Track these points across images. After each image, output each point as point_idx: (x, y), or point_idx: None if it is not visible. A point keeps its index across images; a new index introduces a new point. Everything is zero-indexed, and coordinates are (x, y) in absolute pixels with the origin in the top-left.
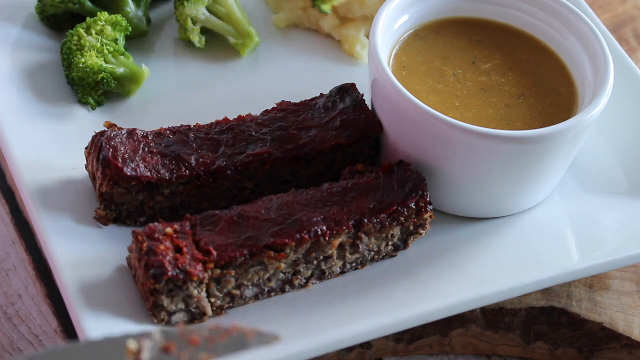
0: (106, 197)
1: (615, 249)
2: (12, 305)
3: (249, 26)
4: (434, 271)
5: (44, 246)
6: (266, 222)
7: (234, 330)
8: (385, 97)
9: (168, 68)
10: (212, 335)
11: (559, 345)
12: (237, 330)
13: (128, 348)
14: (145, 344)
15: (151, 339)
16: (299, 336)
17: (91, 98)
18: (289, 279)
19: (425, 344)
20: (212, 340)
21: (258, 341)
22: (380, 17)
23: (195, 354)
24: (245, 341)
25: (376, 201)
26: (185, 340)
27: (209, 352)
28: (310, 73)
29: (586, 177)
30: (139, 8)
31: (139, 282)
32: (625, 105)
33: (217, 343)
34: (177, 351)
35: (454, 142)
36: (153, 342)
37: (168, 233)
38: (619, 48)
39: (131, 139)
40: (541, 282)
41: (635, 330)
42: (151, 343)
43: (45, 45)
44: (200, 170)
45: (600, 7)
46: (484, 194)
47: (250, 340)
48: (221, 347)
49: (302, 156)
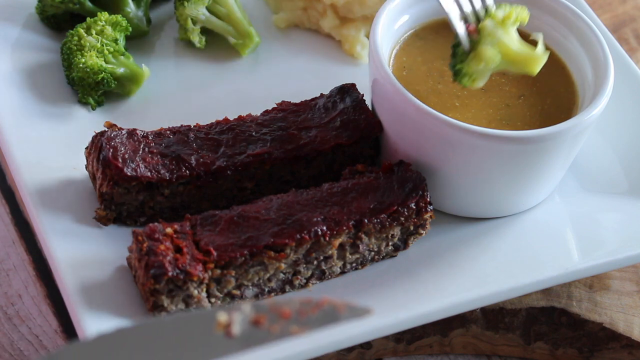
0: (106, 197)
1: (615, 249)
2: (12, 305)
3: (249, 26)
4: (434, 271)
5: (44, 246)
6: (266, 222)
7: (325, 303)
8: (385, 97)
9: (168, 68)
10: (303, 308)
11: (559, 345)
12: (328, 303)
13: (218, 320)
14: (236, 317)
15: (241, 312)
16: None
17: (91, 98)
18: (289, 279)
19: (425, 344)
20: (303, 313)
21: (350, 314)
22: (380, 17)
23: (285, 327)
24: (337, 314)
25: (376, 201)
26: (275, 313)
27: (299, 325)
28: (310, 73)
29: (586, 177)
30: (139, 8)
31: (139, 282)
32: (625, 105)
33: (308, 316)
34: (267, 324)
35: (454, 142)
36: (243, 314)
37: (168, 233)
38: (619, 48)
39: (131, 139)
40: (541, 282)
41: (635, 330)
42: (241, 316)
43: (45, 45)
44: (200, 170)
45: (600, 7)
46: (484, 194)
47: (342, 314)
48: (312, 320)
49: (302, 156)
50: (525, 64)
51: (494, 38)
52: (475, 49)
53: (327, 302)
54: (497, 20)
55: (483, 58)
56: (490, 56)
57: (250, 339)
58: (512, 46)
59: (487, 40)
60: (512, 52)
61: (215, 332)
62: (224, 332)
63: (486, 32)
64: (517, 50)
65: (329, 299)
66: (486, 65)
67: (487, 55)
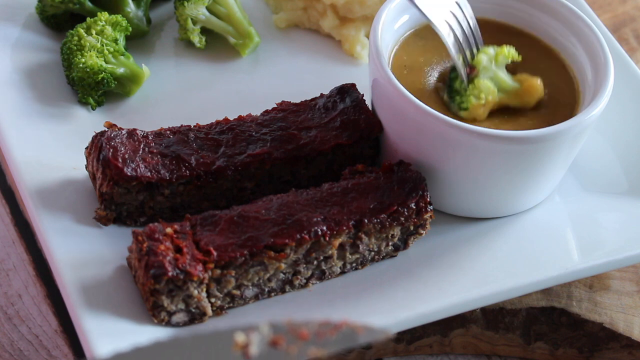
0: (106, 197)
1: (615, 249)
2: (12, 305)
3: (249, 26)
4: (434, 271)
5: (44, 246)
6: (266, 222)
7: (344, 325)
8: (385, 97)
9: (168, 68)
10: (321, 330)
11: (559, 345)
12: (346, 325)
13: (236, 341)
14: (253, 337)
15: (259, 332)
16: None
17: (91, 98)
18: (289, 279)
19: (425, 344)
20: (321, 334)
21: (368, 336)
22: (380, 17)
23: (304, 348)
24: (355, 336)
25: (376, 201)
26: (293, 334)
27: (318, 347)
28: (310, 73)
29: (586, 177)
30: (139, 8)
31: (139, 282)
32: (625, 105)
33: (326, 337)
34: (285, 345)
35: (454, 142)
36: (261, 335)
37: (168, 233)
38: (619, 48)
39: (131, 139)
40: (541, 282)
41: (635, 330)
42: (259, 336)
43: (45, 45)
44: (200, 170)
45: (600, 7)
46: (484, 194)
47: (360, 335)
48: (330, 342)
49: (302, 156)
50: (523, 95)
51: (490, 71)
52: (473, 82)
53: (346, 324)
54: (490, 56)
55: (482, 90)
56: (488, 88)
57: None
58: (506, 79)
59: (483, 74)
60: (507, 84)
61: (233, 352)
62: (242, 352)
63: (481, 66)
64: (513, 83)
65: (348, 321)
66: (485, 97)
67: (486, 87)
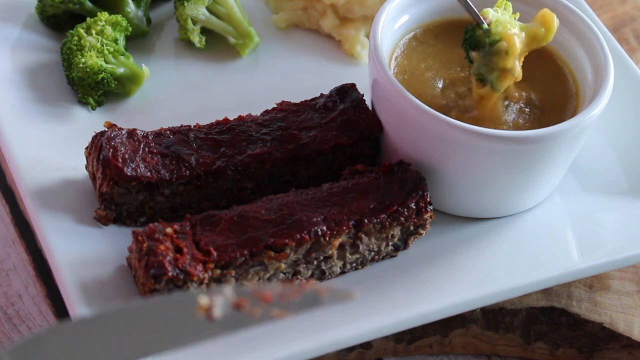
0: (106, 197)
1: (615, 249)
2: (12, 305)
3: (249, 26)
4: (434, 271)
5: (44, 246)
6: (266, 222)
7: (308, 287)
8: (385, 97)
9: (168, 68)
10: (284, 292)
11: (559, 345)
12: (310, 287)
13: (199, 304)
14: (217, 300)
15: (223, 295)
16: (299, 336)
17: (91, 98)
18: (289, 279)
19: (425, 344)
20: (284, 296)
21: (331, 298)
22: (380, 17)
23: (267, 310)
24: (319, 298)
25: (376, 201)
26: (257, 296)
27: (281, 309)
28: (310, 73)
29: (586, 177)
30: (139, 8)
31: (139, 282)
32: (625, 105)
33: (290, 299)
34: (249, 307)
35: (454, 142)
36: (225, 298)
37: (168, 233)
38: (619, 48)
39: (131, 139)
40: (541, 282)
41: (635, 330)
42: (223, 299)
43: (45, 45)
44: (200, 170)
45: (600, 7)
46: (484, 194)
47: (324, 298)
48: (294, 304)
49: (302, 156)
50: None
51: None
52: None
53: (309, 286)
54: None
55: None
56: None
57: (232, 322)
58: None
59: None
60: (525, 26)
61: (197, 315)
62: (205, 315)
63: (491, 14)
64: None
65: (311, 283)
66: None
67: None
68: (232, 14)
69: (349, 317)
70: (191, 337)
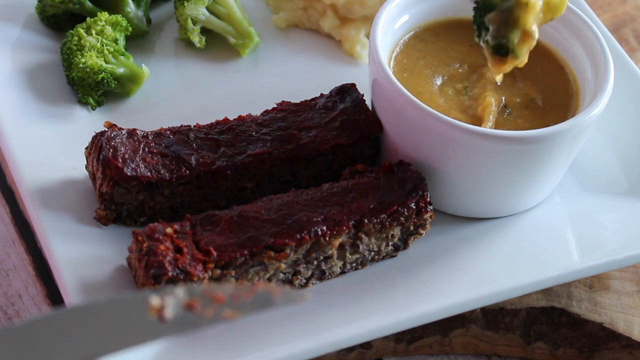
0: (106, 197)
1: (615, 249)
2: (12, 305)
3: (249, 26)
4: (434, 271)
5: (44, 246)
6: (266, 222)
7: (259, 288)
8: (385, 97)
9: (168, 68)
10: (236, 292)
11: (559, 345)
12: (262, 288)
13: (150, 304)
14: (168, 301)
15: (174, 296)
16: (299, 336)
17: (91, 98)
18: (289, 279)
19: (425, 344)
20: (236, 297)
21: (284, 299)
22: (380, 17)
23: (219, 311)
24: (271, 298)
25: (376, 201)
26: (209, 297)
27: (233, 309)
28: (310, 73)
29: (586, 177)
30: (139, 8)
31: (139, 282)
32: (625, 105)
33: (242, 300)
34: (200, 308)
35: (454, 142)
36: (176, 298)
37: (168, 233)
38: (619, 48)
39: (131, 139)
40: (541, 282)
41: (635, 330)
42: (174, 300)
43: (45, 45)
44: (200, 170)
45: (600, 7)
46: (484, 194)
47: (276, 298)
48: (246, 305)
49: (302, 156)
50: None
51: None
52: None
53: (261, 286)
54: None
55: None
56: None
57: (183, 323)
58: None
59: None
60: None
61: (148, 315)
62: (157, 315)
63: None
64: None
65: (263, 283)
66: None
67: None
68: (232, 14)
69: (349, 317)
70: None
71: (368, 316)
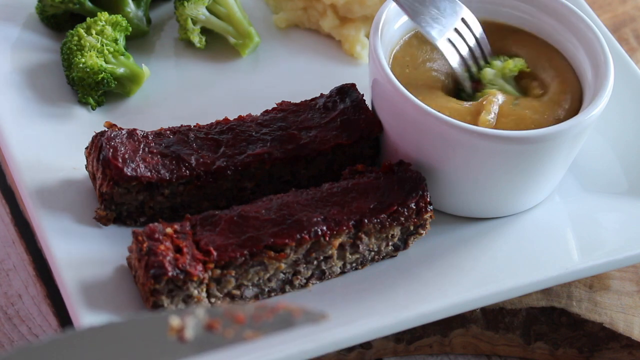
0: (106, 197)
1: (615, 249)
2: (12, 305)
3: (249, 26)
4: (434, 271)
5: (44, 246)
6: (266, 222)
7: (280, 308)
8: (385, 97)
9: (168, 68)
10: (257, 313)
11: (559, 345)
12: (283, 308)
13: (170, 325)
14: (189, 321)
15: (194, 316)
16: (298, 336)
17: (91, 98)
18: (289, 279)
19: (425, 344)
20: (257, 317)
21: (305, 319)
22: (381, 17)
23: (240, 331)
24: (292, 319)
25: (376, 201)
26: (229, 317)
27: (254, 330)
28: (310, 73)
29: (586, 177)
30: (139, 8)
31: (139, 282)
32: (625, 105)
33: (262, 321)
34: (221, 329)
35: (454, 142)
36: (196, 319)
37: (168, 233)
38: (619, 48)
39: (131, 139)
40: (541, 282)
41: (635, 330)
42: (195, 320)
43: (45, 45)
44: (200, 170)
45: (600, 7)
46: (484, 194)
47: (297, 319)
48: (267, 325)
49: (302, 156)
50: None
51: (496, 84)
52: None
53: (282, 307)
54: (497, 68)
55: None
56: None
57: (204, 344)
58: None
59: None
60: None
61: (168, 336)
62: (177, 336)
63: (487, 80)
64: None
65: (285, 304)
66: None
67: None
68: (232, 14)
69: (349, 317)
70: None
71: (368, 316)
